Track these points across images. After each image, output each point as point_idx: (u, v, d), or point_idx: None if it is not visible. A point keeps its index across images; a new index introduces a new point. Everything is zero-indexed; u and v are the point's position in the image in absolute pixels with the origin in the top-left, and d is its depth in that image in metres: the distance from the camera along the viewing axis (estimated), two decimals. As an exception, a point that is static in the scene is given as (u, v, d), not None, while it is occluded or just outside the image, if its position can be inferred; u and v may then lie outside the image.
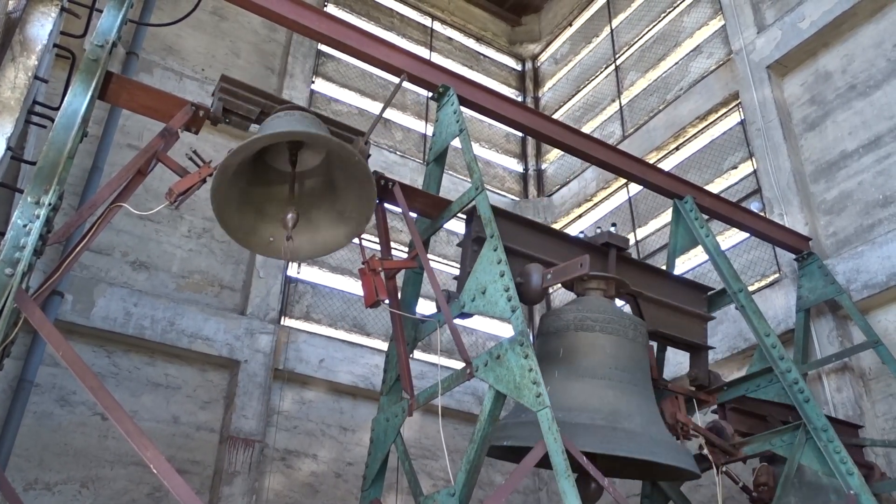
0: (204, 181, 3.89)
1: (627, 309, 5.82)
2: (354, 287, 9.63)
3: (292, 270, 9.34)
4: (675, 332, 5.82)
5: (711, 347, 6.14)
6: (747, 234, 7.93)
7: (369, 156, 4.76)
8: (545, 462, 3.59)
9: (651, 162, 9.29)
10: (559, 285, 5.05)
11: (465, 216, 5.02)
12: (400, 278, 4.92)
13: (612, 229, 5.77)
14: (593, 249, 5.44)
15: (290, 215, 3.95)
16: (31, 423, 7.00)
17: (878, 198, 7.39)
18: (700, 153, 9.65)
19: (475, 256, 4.66)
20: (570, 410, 4.22)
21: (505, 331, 10.24)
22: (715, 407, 6.02)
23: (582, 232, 5.79)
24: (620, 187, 10.73)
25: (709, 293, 6.29)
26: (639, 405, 4.46)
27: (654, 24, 11.24)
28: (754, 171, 8.66)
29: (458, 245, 5.13)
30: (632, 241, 10.26)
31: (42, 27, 4.17)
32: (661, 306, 5.81)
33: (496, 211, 5.01)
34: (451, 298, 4.41)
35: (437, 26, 13.19)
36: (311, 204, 4.31)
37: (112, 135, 8.32)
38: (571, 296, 5.26)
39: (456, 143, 4.98)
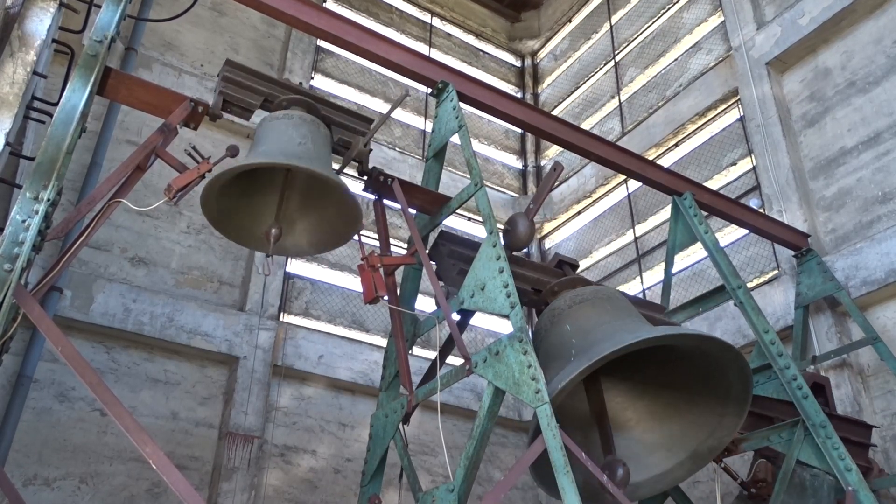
0: (203, 177, 3.90)
1: None
2: (353, 283, 9.64)
3: (291, 267, 9.34)
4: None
5: None
6: (746, 231, 7.94)
7: (370, 150, 4.78)
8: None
9: (650, 158, 9.28)
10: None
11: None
12: (399, 275, 4.91)
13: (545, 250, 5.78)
14: (549, 272, 5.39)
15: (273, 230, 4.15)
16: (30, 418, 7.00)
17: (877, 194, 7.39)
18: (699, 150, 9.65)
19: (456, 268, 4.68)
20: (602, 339, 4.22)
21: (504, 327, 10.25)
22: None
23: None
24: (619, 184, 10.73)
25: (666, 311, 6.19)
26: (642, 326, 4.50)
27: (653, 20, 11.23)
28: (753, 168, 8.66)
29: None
30: (630, 238, 10.28)
31: (41, 22, 4.17)
32: None
33: (453, 238, 5.02)
34: (450, 295, 4.41)
35: (437, 22, 13.17)
36: (306, 209, 4.41)
37: (111, 130, 8.31)
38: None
39: (455, 139, 4.97)
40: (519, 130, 12.44)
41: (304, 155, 4.10)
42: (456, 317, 4.41)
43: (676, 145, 10.02)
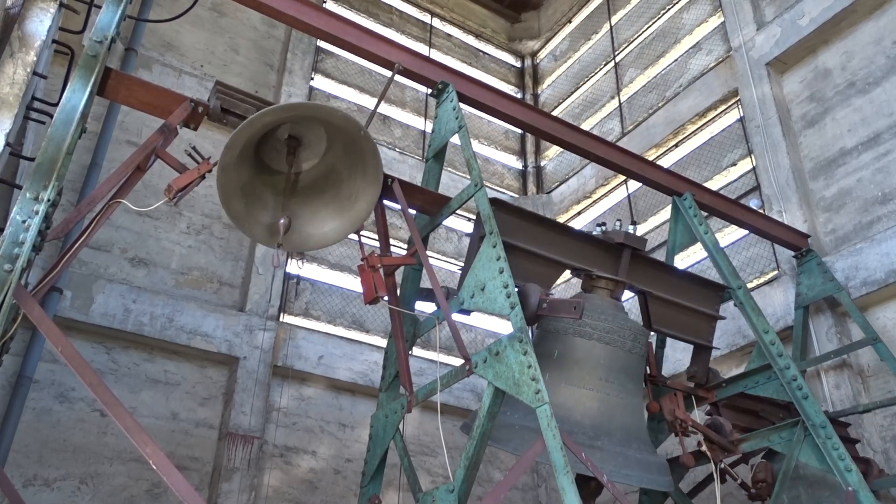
0: (203, 177, 3.89)
1: (635, 303, 5.82)
2: (353, 284, 9.63)
3: (292, 267, 9.34)
4: (682, 331, 5.81)
5: (716, 348, 6.14)
6: (746, 232, 7.94)
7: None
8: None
9: (650, 159, 9.29)
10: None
11: (470, 215, 5.02)
12: (399, 275, 4.92)
13: (631, 228, 5.75)
14: (608, 247, 5.43)
15: (281, 220, 4.00)
16: (30, 419, 7.00)
17: (877, 195, 7.39)
18: (699, 150, 9.65)
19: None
20: (560, 407, 4.23)
21: (504, 328, 10.25)
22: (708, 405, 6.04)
23: (601, 225, 5.73)
24: (619, 184, 10.73)
25: (724, 291, 6.23)
26: (622, 420, 4.47)
27: (653, 20, 11.23)
28: (753, 169, 8.66)
29: (467, 234, 5.12)
30: (631, 238, 10.26)
31: (41, 23, 4.17)
32: (670, 305, 5.78)
33: (507, 206, 5.03)
34: (450, 295, 4.41)
35: (437, 23, 13.17)
36: (315, 195, 4.33)
37: (111, 131, 8.31)
38: (577, 285, 5.24)
39: (455, 139, 4.98)
40: (519, 131, 12.44)
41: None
42: (456, 317, 4.41)
43: (676, 146, 10.02)
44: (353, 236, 4.38)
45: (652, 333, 5.73)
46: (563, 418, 4.26)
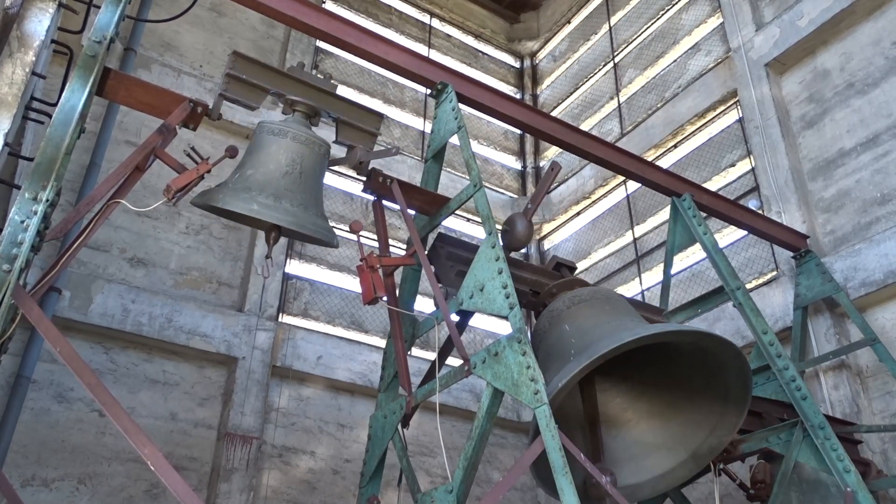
0: (202, 178, 3.89)
1: None
2: (352, 284, 9.64)
3: (290, 267, 9.34)
4: None
5: None
6: (745, 232, 7.94)
7: (370, 161, 4.76)
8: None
9: (649, 159, 9.29)
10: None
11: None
12: (398, 276, 4.91)
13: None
14: (547, 274, 5.43)
15: (272, 233, 4.20)
16: (29, 419, 7.00)
17: (875, 196, 7.40)
18: (698, 151, 9.66)
19: (454, 270, 4.70)
20: (601, 339, 4.24)
21: (503, 328, 10.25)
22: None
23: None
24: (618, 185, 10.74)
25: (664, 313, 6.24)
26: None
27: (652, 21, 11.24)
28: (752, 169, 8.66)
29: (434, 276, 5.07)
30: (629, 239, 10.28)
31: (40, 23, 4.16)
32: None
33: (452, 240, 5.05)
34: (449, 296, 4.41)
35: (436, 23, 13.17)
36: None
37: (110, 131, 8.31)
38: None
39: (454, 140, 4.97)
40: (518, 131, 12.45)
41: (289, 188, 4.13)
42: (455, 318, 4.42)
43: (675, 146, 10.03)
44: (353, 236, 4.39)
45: None
46: (608, 335, 4.28)
